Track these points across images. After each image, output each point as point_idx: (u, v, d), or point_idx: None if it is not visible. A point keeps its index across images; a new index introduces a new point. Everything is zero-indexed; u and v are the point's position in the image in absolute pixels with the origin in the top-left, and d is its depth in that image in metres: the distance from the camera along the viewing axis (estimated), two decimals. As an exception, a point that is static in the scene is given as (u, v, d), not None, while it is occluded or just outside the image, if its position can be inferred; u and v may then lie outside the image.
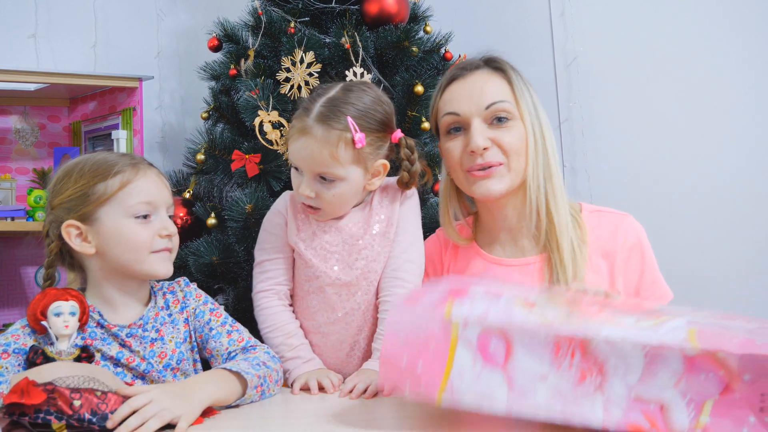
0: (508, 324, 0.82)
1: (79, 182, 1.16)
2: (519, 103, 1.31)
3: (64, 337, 1.06)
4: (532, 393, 0.80)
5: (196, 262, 1.83)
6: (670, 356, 0.73)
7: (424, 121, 1.88)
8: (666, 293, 1.34)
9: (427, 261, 1.41)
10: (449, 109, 1.33)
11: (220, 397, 1.08)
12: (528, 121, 1.30)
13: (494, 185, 1.30)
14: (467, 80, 1.33)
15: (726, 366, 0.70)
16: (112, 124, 2.28)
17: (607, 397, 0.76)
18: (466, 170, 1.32)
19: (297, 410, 1.11)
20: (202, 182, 2.04)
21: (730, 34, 1.95)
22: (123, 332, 1.17)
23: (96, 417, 0.91)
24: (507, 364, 0.82)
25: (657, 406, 0.74)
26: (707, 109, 1.99)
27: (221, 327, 1.24)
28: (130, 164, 1.19)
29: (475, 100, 1.30)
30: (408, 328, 0.87)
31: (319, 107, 1.25)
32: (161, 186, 1.21)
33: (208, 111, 2.06)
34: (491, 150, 1.29)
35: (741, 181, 1.93)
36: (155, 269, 1.18)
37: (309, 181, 1.25)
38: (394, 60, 1.95)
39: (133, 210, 1.16)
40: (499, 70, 1.33)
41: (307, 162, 1.24)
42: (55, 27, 2.40)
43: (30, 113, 2.37)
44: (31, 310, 1.09)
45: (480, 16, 2.51)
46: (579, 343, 0.78)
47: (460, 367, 0.84)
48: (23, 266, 2.35)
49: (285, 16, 1.95)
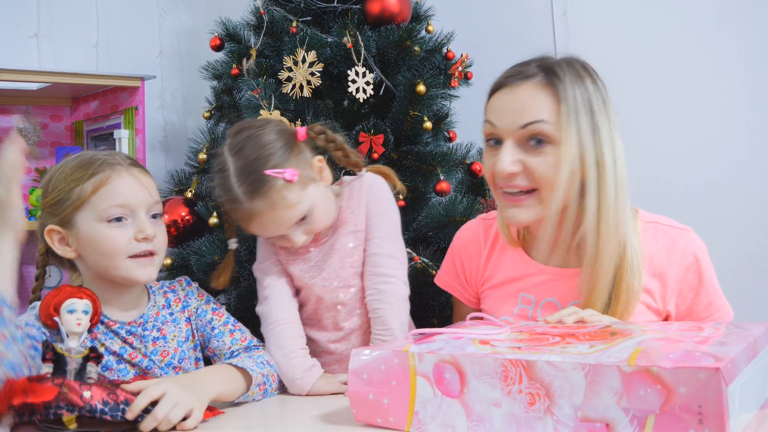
0: (459, 355, 0.85)
1: (58, 186, 1.15)
2: (563, 126, 1.12)
3: (75, 334, 1.06)
4: (489, 420, 0.83)
5: (198, 262, 1.83)
6: (609, 375, 0.75)
7: (426, 121, 1.88)
8: (722, 316, 1.21)
9: (460, 248, 1.36)
10: (488, 117, 1.20)
11: (225, 392, 1.08)
12: (573, 146, 1.12)
13: (520, 214, 1.18)
14: (513, 91, 1.16)
15: (662, 381, 0.71)
16: (114, 124, 2.29)
17: (557, 418, 0.78)
18: (498, 187, 1.20)
19: (297, 410, 1.11)
20: (204, 182, 2.04)
21: (733, 33, 1.95)
22: (123, 329, 1.17)
23: (108, 407, 0.91)
24: (462, 393, 0.85)
25: (603, 425, 0.76)
26: (709, 108, 1.98)
27: (223, 326, 1.24)
28: (107, 165, 1.14)
29: (513, 117, 1.14)
30: (369, 368, 0.92)
31: (238, 188, 1.18)
32: (138, 187, 1.15)
33: (210, 110, 2.06)
34: (519, 176, 1.15)
35: (741, 181, 1.93)
36: (133, 275, 1.15)
37: (293, 232, 1.22)
38: (396, 59, 1.95)
39: (106, 214, 1.12)
40: (552, 84, 1.14)
41: (279, 228, 1.21)
42: (57, 26, 2.40)
43: (32, 113, 2.37)
44: (44, 305, 1.09)
45: (482, 16, 2.51)
46: (524, 367, 0.81)
47: (422, 399, 0.87)
48: (25, 265, 2.27)
49: (287, 16, 1.95)
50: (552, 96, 1.14)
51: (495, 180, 1.20)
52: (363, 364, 0.92)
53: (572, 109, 1.13)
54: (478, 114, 2.30)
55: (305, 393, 1.20)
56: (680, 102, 2.03)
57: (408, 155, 1.93)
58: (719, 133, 1.97)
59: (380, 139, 1.86)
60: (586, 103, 1.14)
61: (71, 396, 0.90)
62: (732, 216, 1.92)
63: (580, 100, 1.14)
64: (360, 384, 0.92)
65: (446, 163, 1.91)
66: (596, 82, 1.18)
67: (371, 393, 0.91)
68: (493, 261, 1.32)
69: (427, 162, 1.90)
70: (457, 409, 0.85)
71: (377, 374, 0.91)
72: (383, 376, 0.91)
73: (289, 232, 1.22)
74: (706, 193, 1.98)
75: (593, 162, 1.13)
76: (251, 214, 1.18)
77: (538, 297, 1.24)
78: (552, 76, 1.15)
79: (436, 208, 1.85)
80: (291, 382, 1.21)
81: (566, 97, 1.13)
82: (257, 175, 1.17)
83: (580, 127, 1.13)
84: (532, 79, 1.16)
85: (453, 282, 1.38)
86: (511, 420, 0.81)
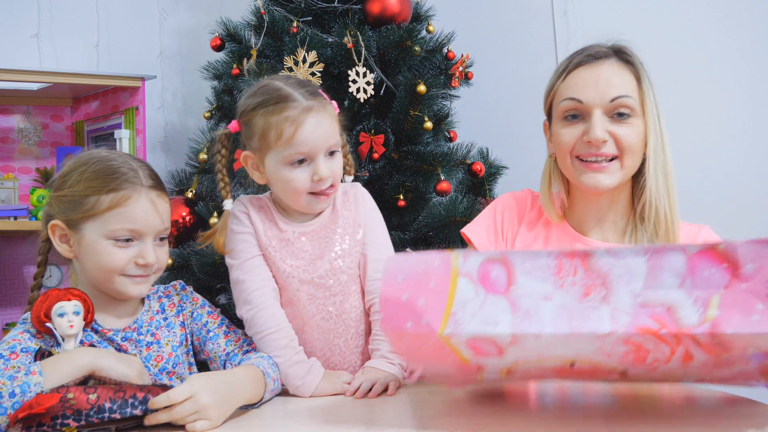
0: (509, 252, 0.85)
1: (75, 186, 1.12)
2: (644, 101, 1.29)
3: (70, 337, 1.05)
4: (537, 313, 0.81)
5: (199, 262, 1.83)
6: (672, 258, 0.74)
7: (426, 121, 1.88)
8: None
9: (504, 207, 1.41)
10: (572, 94, 1.30)
11: (251, 398, 1.08)
12: (651, 119, 1.29)
13: (604, 180, 1.29)
14: (595, 68, 1.29)
15: (728, 258, 0.72)
16: (114, 124, 2.29)
17: (614, 306, 0.77)
18: (577, 156, 1.30)
19: (297, 411, 1.10)
20: (205, 182, 2.04)
21: (734, 33, 1.95)
22: (118, 336, 1.16)
23: (116, 404, 0.91)
24: (509, 290, 0.83)
25: (664, 308, 0.75)
26: (710, 107, 1.98)
27: (218, 329, 1.23)
28: (128, 183, 1.12)
29: (601, 91, 1.28)
30: (407, 268, 0.89)
31: (297, 89, 1.21)
32: (153, 213, 1.13)
33: (210, 110, 2.07)
34: (608, 143, 1.28)
35: (741, 179, 1.93)
36: (125, 290, 1.14)
37: (324, 161, 1.20)
38: (396, 59, 1.95)
39: (114, 234, 1.11)
40: (628, 63, 1.31)
41: (324, 139, 1.19)
42: (57, 27, 2.41)
43: (33, 113, 2.38)
44: (34, 313, 1.07)
45: (482, 16, 2.51)
46: (581, 259, 0.80)
47: (462, 299, 0.85)
48: (26, 265, 2.35)
49: (287, 16, 1.95)
50: (632, 74, 1.30)
51: (576, 150, 1.31)
52: (400, 265, 0.90)
53: (648, 87, 1.30)
54: (479, 114, 2.32)
55: (308, 396, 1.19)
56: (682, 101, 2.03)
57: (408, 155, 1.94)
58: (721, 132, 1.97)
59: (381, 139, 1.86)
60: (650, 83, 1.31)
61: (78, 400, 0.89)
62: (732, 215, 1.92)
63: (648, 80, 1.31)
64: (394, 286, 0.89)
65: (447, 163, 1.91)
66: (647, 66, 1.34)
67: (406, 293, 0.88)
68: (534, 233, 1.38)
69: (427, 162, 1.90)
70: (501, 306, 0.83)
71: (415, 275, 0.88)
72: (421, 277, 0.87)
73: (322, 156, 1.20)
74: (706, 192, 1.97)
75: (659, 133, 1.31)
76: (309, 110, 1.18)
77: None
78: (626, 56, 1.31)
79: (437, 208, 1.85)
80: (292, 389, 1.20)
81: (642, 76, 1.30)
82: (315, 87, 1.24)
83: (652, 103, 1.30)
84: (610, 59, 1.31)
85: (485, 234, 1.41)
86: (562, 312, 0.80)
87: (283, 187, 1.22)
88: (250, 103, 1.22)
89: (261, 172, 1.24)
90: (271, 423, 1.04)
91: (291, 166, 1.19)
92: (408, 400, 1.11)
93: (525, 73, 2.30)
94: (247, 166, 1.26)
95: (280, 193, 1.25)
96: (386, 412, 1.05)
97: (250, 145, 1.24)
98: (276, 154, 1.19)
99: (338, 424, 0.98)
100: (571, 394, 1.10)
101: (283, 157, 1.19)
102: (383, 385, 1.15)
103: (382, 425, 0.97)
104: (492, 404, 1.04)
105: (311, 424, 1.01)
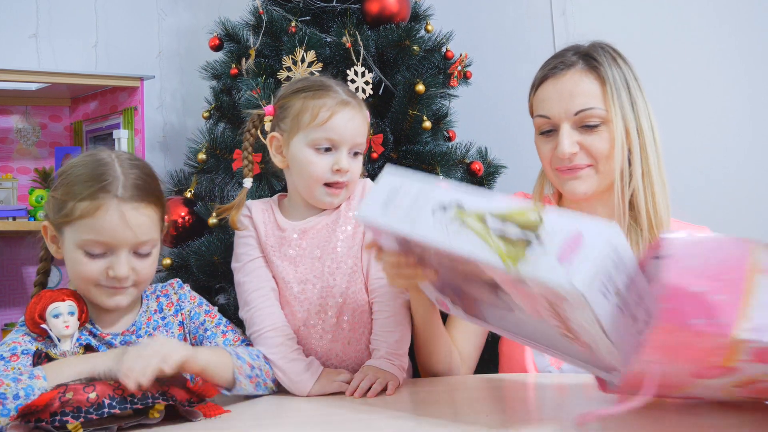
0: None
1: (60, 189, 1.11)
2: (609, 105, 1.27)
3: (66, 337, 1.05)
4: None
5: (198, 262, 1.83)
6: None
7: (425, 120, 1.88)
8: None
9: None
10: (540, 111, 1.32)
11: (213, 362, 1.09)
12: (619, 121, 1.26)
13: (580, 186, 1.30)
14: (558, 81, 1.30)
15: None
16: (113, 124, 2.29)
17: None
18: (556, 168, 1.32)
19: (295, 410, 1.10)
20: (204, 182, 2.03)
21: (733, 32, 1.95)
22: (117, 340, 1.15)
23: (115, 401, 0.91)
24: None
25: None
26: (708, 108, 1.98)
27: (216, 327, 1.23)
28: (103, 192, 1.07)
29: (564, 106, 1.28)
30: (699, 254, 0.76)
31: (339, 86, 1.26)
32: (122, 227, 1.07)
33: (209, 110, 2.06)
34: (579, 154, 1.29)
35: (741, 180, 1.93)
36: (100, 301, 1.12)
37: (347, 156, 1.23)
38: (395, 59, 1.94)
39: (84, 245, 1.08)
40: (593, 68, 1.29)
41: (353, 134, 1.23)
42: (56, 26, 2.40)
43: (31, 113, 2.38)
44: (28, 315, 1.07)
45: (481, 15, 2.50)
46: None
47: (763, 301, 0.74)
48: (24, 266, 2.35)
49: (286, 15, 1.94)
50: (596, 80, 1.28)
51: (553, 164, 1.32)
52: (690, 249, 0.76)
53: (614, 88, 1.27)
54: (478, 113, 2.32)
55: (306, 395, 1.19)
56: (680, 101, 2.03)
57: (407, 155, 1.93)
58: (720, 132, 1.97)
59: (380, 138, 1.85)
60: (623, 81, 1.28)
61: (76, 399, 0.89)
62: (731, 216, 1.92)
63: (618, 80, 1.28)
64: (683, 273, 0.75)
65: (446, 162, 1.90)
66: (626, 62, 1.32)
67: (698, 284, 0.74)
68: None
69: (426, 161, 1.89)
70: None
71: (708, 265, 0.75)
72: (716, 268, 0.75)
73: (346, 149, 1.23)
74: (706, 192, 1.97)
75: (635, 132, 1.28)
76: (346, 103, 1.23)
77: None
78: (592, 60, 1.29)
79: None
80: (289, 387, 1.19)
81: (608, 79, 1.27)
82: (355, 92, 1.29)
83: (622, 104, 1.27)
84: (574, 67, 1.29)
85: None
86: None
87: (301, 170, 1.24)
88: (290, 89, 1.28)
89: (283, 156, 1.27)
90: (267, 423, 1.04)
91: (316, 151, 1.22)
92: (407, 400, 1.11)
93: (524, 73, 2.19)
94: (271, 148, 1.28)
95: (297, 178, 1.26)
96: (385, 412, 1.04)
97: (280, 127, 1.26)
98: (304, 135, 1.23)
99: (335, 423, 0.98)
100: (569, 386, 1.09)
101: (311, 139, 1.22)
102: (382, 385, 1.14)
103: (380, 425, 0.96)
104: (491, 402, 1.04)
105: (307, 423, 1.01)
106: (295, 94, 1.25)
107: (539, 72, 1.35)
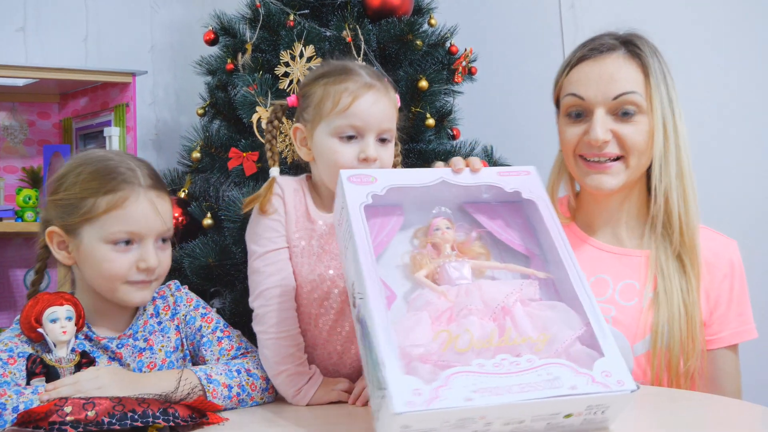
0: None
1: (72, 189, 1.12)
2: (652, 96, 1.23)
3: (63, 343, 1.04)
4: None
5: (192, 264, 1.82)
6: None
7: (428, 117, 1.88)
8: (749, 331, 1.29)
9: None
10: (573, 90, 1.26)
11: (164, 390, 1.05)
12: (659, 116, 1.23)
13: (608, 181, 1.25)
14: (598, 63, 1.25)
15: None
16: (104, 121, 2.27)
17: None
18: (580, 155, 1.27)
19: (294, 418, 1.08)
20: (198, 181, 2.03)
21: (748, 26, 1.93)
22: (113, 344, 1.15)
23: (115, 418, 0.90)
24: None
25: None
26: (717, 102, 1.97)
27: (212, 334, 1.21)
28: (126, 183, 1.11)
29: (603, 88, 1.23)
30: None
31: (363, 68, 1.21)
32: (153, 214, 1.12)
33: (203, 107, 2.06)
34: (611, 143, 1.24)
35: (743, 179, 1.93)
36: (129, 298, 1.13)
37: (374, 143, 1.17)
38: (397, 54, 1.94)
39: (113, 237, 1.10)
40: (636, 55, 1.25)
41: (378, 119, 1.17)
42: (44, 20, 2.39)
43: (19, 110, 2.36)
44: (24, 318, 1.06)
45: (487, 8, 2.51)
46: None
47: None
48: (12, 268, 2.33)
49: (284, 9, 1.94)
50: (639, 68, 1.24)
51: (578, 149, 1.27)
52: None
53: (657, 81, 1.24)
54: (483, 111, 2.30)
55: (305, 405, 1.17)
56: (689, 96, 2.00)
57: (410, 153, 1.92)
58: (726, 130, 1.95)
59: (381, 137, 1.84)
60: (663, 75, 1.25)
61: (75, 415, 0.88)
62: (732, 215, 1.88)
63: (659, 72, 1.25)
64: None
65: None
66: (662, 56, 1.29)
67: None
68: None
69: (429, 160, 1.88)
70: None
71: None
72: None
73: (372, 137, 1.17)
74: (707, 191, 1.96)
75: (672, 129, 1.24)
76: (370, 86, 1.17)
77: (590, 274, 1.27)
78: (635, 48, 1.25)
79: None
80: (288, 397, 1.18)
81: (651, 70, 1.24)
82: (383, 74, 1.24)
83: (662, 97, 1.24)
84: (617, 51, 1.25)
85: None
86: None
87: (326, 161, 1.18)
88: (312, 75, 1.23)
89: (308, 148, 1.21)
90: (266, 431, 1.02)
91: (340, 140, 1.16)
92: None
93: (531, 69, 2.30)
94: (296, 139, 1.23)
95: (323, 169, 1.20)
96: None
97: (304, 117, 1.21)
98: (327, 124, 1.17)
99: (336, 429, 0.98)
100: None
101: (334, 127, 1.16)
102: None
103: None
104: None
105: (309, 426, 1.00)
106: (317, 80, 1.20)
107: (575, 52, 1.29)
